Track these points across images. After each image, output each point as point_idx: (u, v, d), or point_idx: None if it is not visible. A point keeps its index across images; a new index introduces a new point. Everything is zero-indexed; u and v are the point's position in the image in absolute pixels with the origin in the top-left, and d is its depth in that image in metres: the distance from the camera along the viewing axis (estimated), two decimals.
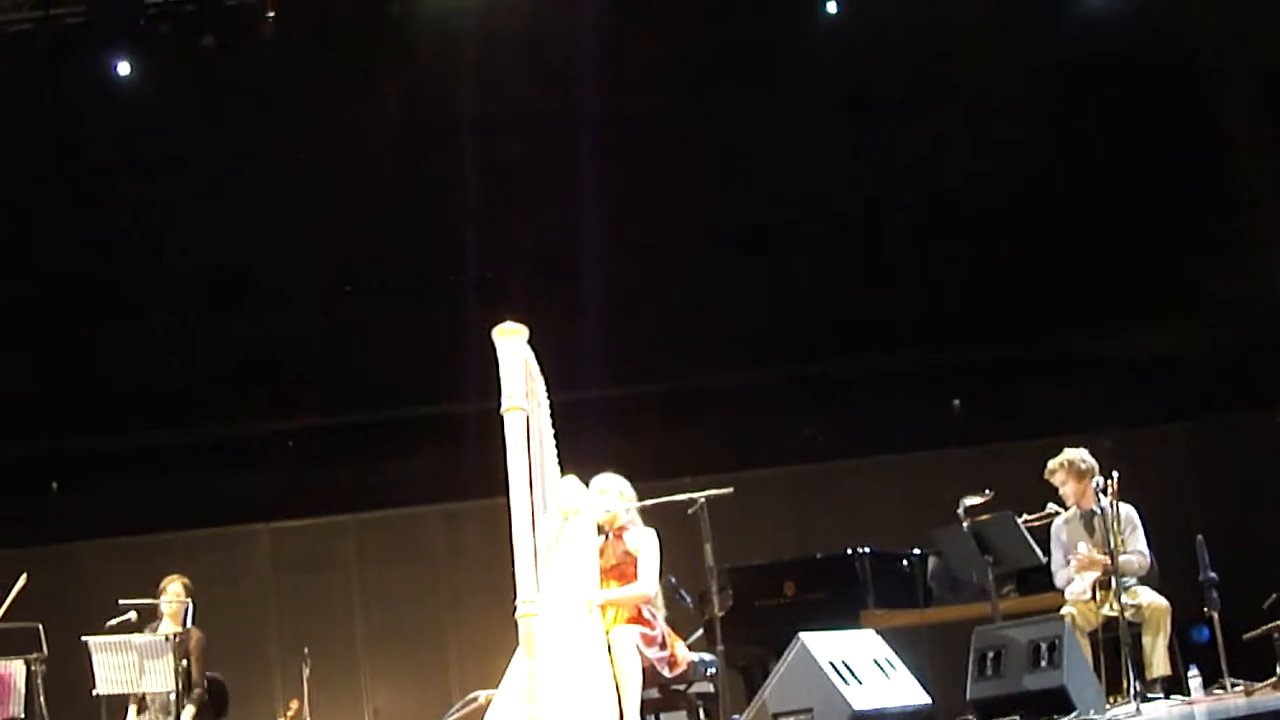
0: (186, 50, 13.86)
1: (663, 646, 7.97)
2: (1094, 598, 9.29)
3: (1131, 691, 8.52)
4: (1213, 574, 9.85)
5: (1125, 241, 15.21)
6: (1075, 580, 9.37)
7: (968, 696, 8.54)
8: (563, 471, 7.79)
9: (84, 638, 9.84)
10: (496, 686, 7.36)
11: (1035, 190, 15.42)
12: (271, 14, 13.66)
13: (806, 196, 15.46)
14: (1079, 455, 9.51)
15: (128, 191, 15.34)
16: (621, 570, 8.12)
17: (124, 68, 14.04)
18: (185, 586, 10.59)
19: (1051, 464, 9.58)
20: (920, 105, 15.14)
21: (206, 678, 10.47)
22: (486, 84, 14.69)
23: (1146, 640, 9.08)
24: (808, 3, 14.55)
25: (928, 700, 8.74)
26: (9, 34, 13.60)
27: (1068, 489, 9.52)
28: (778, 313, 15.36)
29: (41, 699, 10.13)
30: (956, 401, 15.89)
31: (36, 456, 15.31)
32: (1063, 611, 9.11)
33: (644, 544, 8.16)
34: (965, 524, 9.43)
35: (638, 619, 7.99)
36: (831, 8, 14.42)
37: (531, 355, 6.89)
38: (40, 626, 10.15)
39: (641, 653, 7.74)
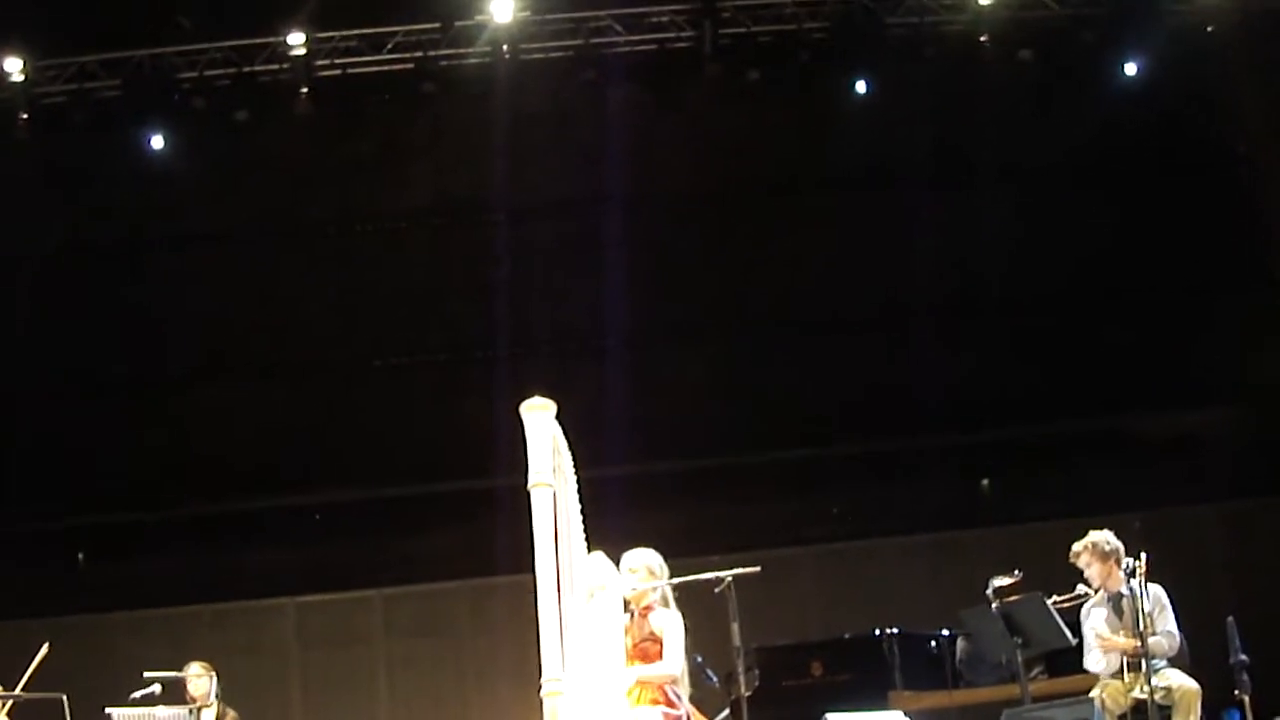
0: (220, 125, 13.98)
1: None
2: (1123, 679, 9.21)
3: None
4: (1243, 656, 9.77)
5: (1157, 322, 15.18)
6: (1103, 660, 9.29)
7: None
8: (590, 548, 7.76)
9: (107, 709, 9.86)
10: None
11: (1066, 271, 15.43)
12: (304, 90, 13.76)
13: (835, 276, 15.48)
14: (1103, 538, 9.42)
15: (158, 264, 15.44)
16: (644, 650, 8.06)
17: (157, 141, 14.15)
18: (203, 666, 10.69)
19: (1075, 547, 9.49)
20: (950, 185, 15.17)
21: None
22: (516, 164, 14.79)
23: None
24: (837, 83, 14.61)
25: None
26: (45, 106, 13.73)
27: (1092, 571, 9.42)
28: (805, 391, 15.33)
29: None
30: (985, 481, 15.82)
31: (64, 528, 15.34)
32: (1092, 694, 9.04)
33: (669, 625, 8.11)
34: (994, 605, 9.40)
35: (662, 699, 7.94)
36: (861, 88, 14.47)
37: (559, 431, 6.88)
38: (65, 697, 10.14)
39: None
